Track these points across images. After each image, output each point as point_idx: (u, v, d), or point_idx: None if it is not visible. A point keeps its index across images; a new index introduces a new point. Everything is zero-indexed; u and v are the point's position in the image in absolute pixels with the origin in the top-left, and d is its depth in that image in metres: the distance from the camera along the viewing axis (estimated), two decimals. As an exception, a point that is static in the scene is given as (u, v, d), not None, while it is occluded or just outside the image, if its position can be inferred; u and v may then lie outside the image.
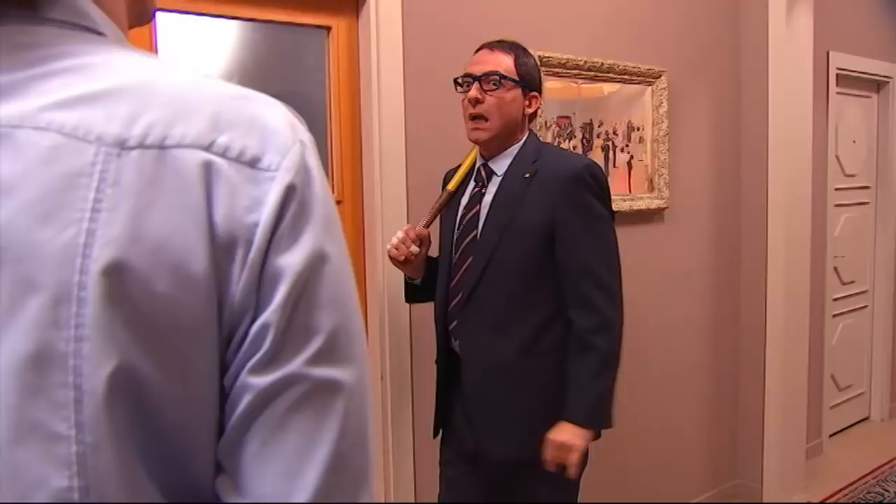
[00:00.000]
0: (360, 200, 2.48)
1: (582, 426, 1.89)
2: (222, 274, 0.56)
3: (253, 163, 0.58)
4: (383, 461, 2.49)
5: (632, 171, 3.15)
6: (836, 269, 4.50)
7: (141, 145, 0.55)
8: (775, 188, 3.53)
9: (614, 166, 3.08)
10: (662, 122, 3.20)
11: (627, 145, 3.12)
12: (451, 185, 2.12)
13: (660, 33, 3.24)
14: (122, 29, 0.67)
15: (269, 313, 0.56)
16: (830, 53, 4.18)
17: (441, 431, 2.18)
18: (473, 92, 1.95)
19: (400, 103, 2.43)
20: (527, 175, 1.96)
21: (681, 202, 3.35)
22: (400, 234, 2.08)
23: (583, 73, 2.92)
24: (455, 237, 2.06)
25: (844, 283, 4.62)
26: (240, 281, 0.56)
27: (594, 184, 1.94)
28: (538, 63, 2.08)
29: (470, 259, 2.00)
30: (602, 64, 2.96)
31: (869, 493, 3.86)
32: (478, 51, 2.03)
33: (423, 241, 2.10)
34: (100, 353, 0.53)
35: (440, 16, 2.53)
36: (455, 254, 2.05)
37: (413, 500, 2.51)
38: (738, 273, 3.69)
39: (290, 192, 0.58)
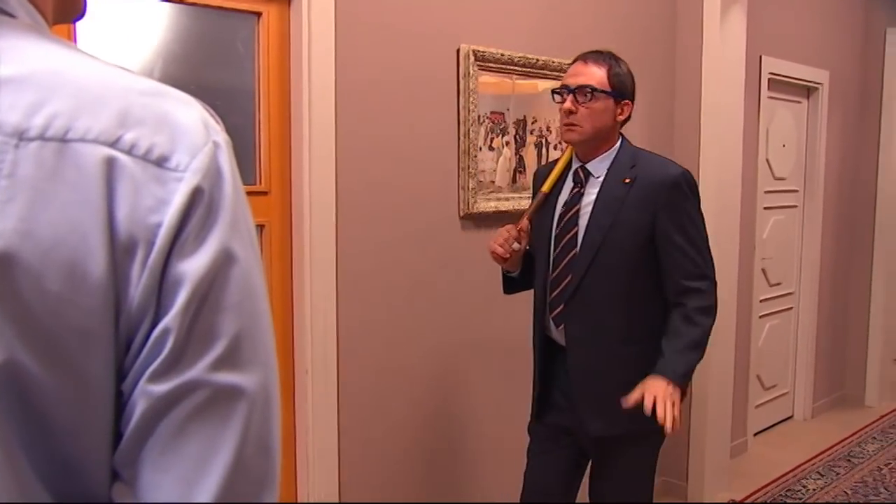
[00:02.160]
0: (289, 192, 2.43)
1: (674, 382, 2.06)
2: (121, 275, 0.54)
3: (160, 162, 0.56)
4: (307, 455, 2.45)
5: (564, 169, 3.15)
6: (763, 270, 4.59)
7: (41, 137, 0.53)
8: (706, 189, 3.56)
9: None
10: (596, 120, 3.21)
11: (560, 142, 3.12)
12: (546, 188, 2.27)
13: (595, 32, 3.25)
14: (45, 16, 0.64)
15: (170, 318, 0.54)
16: (763, 58, 4.26)
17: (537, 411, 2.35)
18: (568, 104, 2.13)
19: (331, 94, 2.38)
20: (627, 180, 2.14)
21: (613, 201, 3.37)
22: (504, 232, 2.24)
23: (517, 69, 2.91)
24: (554, 234, 2.23)
25: (772, 285, 4.72)
26: (139, 283, 0.54)
27: (690, 189, 2.17)
28: (630, 70, 2.22)
29: (572, 255, 2.17)
30: (537, 60, 2.95)
31: (789, 490, 3.95)
32: (574, 62, 2.20)
33: (523, 238, 2.25)
34: None
35: (374, 5, 2.49)
36: (555, 250, 2.22)
37: (337, 491, 2.48)
38: (668, 273, 3.73)
39: (197, 195, 0.56)
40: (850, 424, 4.98)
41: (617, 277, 2.14)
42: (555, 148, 3.09)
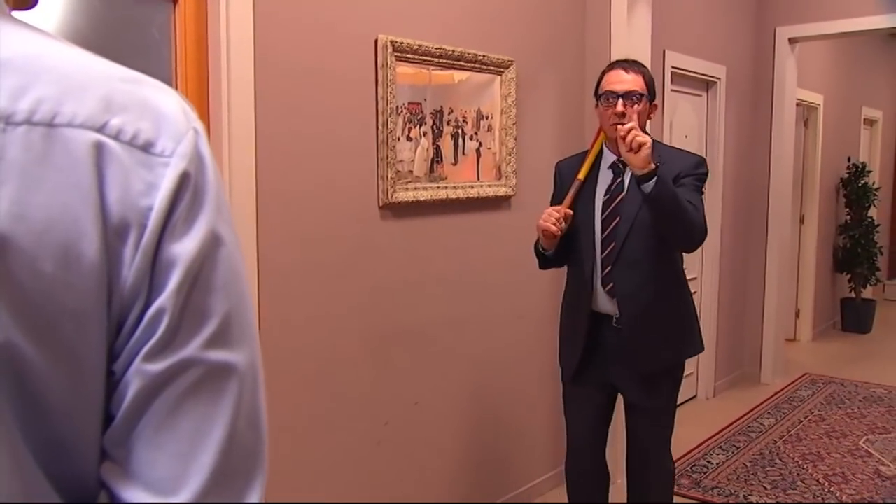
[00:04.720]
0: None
1: (651, 172, 2.36)
2: (114, 257, 0.55)
3: (146, 147, 0.57)
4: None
5: (480, 159, 3.20)
6: (668, 256, 4.76)
7: (28, 121, 0.54)
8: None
9: (463, 154, 3.12)
10: (511, 111, 3.28)
11: (476, 133, 3.17)
12: (582, 175, 2.60)
13: (510, 24, 3.31)
14: (6, 2, 0.64)
15: (164, 298, 0.56)
16: (666, 52, 4.42)
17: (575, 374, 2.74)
18: (620, 107, 2.47)
19: (250, 83, 2.35)
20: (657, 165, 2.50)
21: (527, 190, 3.45)
22: (554, 212, 2.52)
23: (434, 60, 2.94)
24: (600, 218, 2.59)
25: (676, 270, 4.90)
26: (132, 265, 0.55)
27: (704, 171, 2.59)
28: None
29: (617, 231, 2.54)
30: (453, 52, 2.99)
31: (695, 465, 4.13)
32: (611, 69, 2.57)
33: (567, 221, 2.55)
34: None
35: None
36: (603, 232, 2.58)
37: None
38: (579, 260, 3.83)
39: (184, 180, 0.58)
40: (747, 401, 5.25)
41: (654, 244, 2.51)
42: (471, 139, 3.14)
